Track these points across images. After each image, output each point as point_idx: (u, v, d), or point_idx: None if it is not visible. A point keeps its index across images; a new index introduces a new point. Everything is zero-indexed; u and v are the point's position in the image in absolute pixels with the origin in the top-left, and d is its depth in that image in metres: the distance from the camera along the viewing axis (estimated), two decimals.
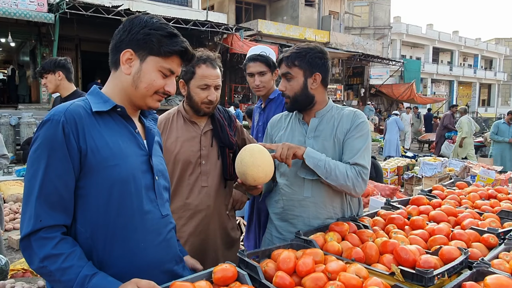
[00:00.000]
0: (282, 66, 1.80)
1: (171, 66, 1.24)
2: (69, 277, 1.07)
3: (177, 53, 1.23)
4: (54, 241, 1.09)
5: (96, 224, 1.17)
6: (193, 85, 1.97)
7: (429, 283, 1.21)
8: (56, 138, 1.11)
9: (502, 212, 1.98)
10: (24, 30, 12.66)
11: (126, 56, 1.22)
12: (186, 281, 1.17)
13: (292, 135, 1.86)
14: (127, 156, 1.21)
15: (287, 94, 1.80)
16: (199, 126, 2.07)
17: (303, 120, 1.87)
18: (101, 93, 1.26)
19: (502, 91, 45.20)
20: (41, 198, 1.09)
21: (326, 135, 1.79)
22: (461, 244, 1.52)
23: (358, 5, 31.68)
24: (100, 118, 1.21)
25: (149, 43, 1.20)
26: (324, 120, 1.82)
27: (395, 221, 1.78)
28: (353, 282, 1.18)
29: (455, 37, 37.92)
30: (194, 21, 13.17)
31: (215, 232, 2.05)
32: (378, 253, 1.46)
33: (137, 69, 1.22)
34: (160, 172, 1.33)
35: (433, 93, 34.57)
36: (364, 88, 22.83)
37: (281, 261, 1.31)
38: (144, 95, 1.24)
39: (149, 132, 1.34)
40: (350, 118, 1.79)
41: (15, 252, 4.29)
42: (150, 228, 1.24)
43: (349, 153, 1.74)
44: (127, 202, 1.19)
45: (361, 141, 1.75)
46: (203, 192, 2.02)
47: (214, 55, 2.01)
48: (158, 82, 1.23)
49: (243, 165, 1.62)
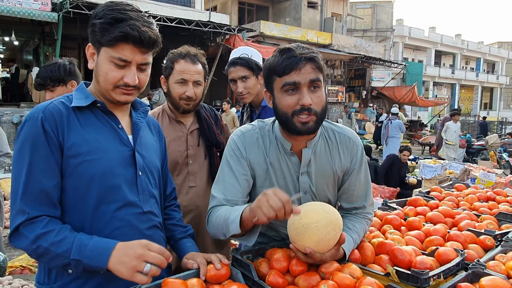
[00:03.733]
0: (306, 70, 1.27)
1: (120, 55, 1.15)
2: (65, 248, 1.09)
3: (120, 39, 1.13)
4: (43, 222, 1.11)
5: (78, 217, 1.18)
6: (172, 80, 1.95)
7: (424, 284, 1.20)
8: (37, 135, 1.13)
9: (500, 214, 1.96)
10: (28, 29, 12.72)
11: (89, 51, 1.23)
12: (178, 278, 1.16)
13: (280, 169, 1.43)
14: (105, 151, 1.20)
15: (314, 109, 1.28)
16: (185, 125, 2.04)
17: (291, 150, 1.41)
18: (85, 89, 1.27)
19: (504, 95, 45.10)
20: (26, 194, 1.11)
21: (325, 170, 1.44)
22: (457, 246, 1.50)
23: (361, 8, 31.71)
24: (81, 114, 1.21)
25: (95, 34, 1.17)
26: (318, 152, 1.43)
27: (391, 222, 1.77)
28: (346, 282, 1.17)
29: (457, 40, 37.87)
30: (196, 22, 13.19)
31: (204, 233, 2.03)
32: (374, 253, 1.45)
33: (96, 63, 1.21)
34: (145, 167, 1.31)
35: (435, 96, 34.51)
36: (365, 90, 22.80)
37: (274, 260, 1.30)
38: (105, 89, 1.22)
39: (135, 126, 1.33)
40: (349, 149, 1.47)
41: (14, 250, 4.30)
42: (131, 222, 1.24)
43: (357, 192, 1.50)
44: (105, 197, 1.20)
45: (366, 174, 1.52)
46: (191, 192, 2.00)
47: (195, 51, 1.98)
48: (111, 74, 1.17)
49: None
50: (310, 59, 1.27)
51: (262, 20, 18.45)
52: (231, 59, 2.27)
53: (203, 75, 1.99)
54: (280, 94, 1.31)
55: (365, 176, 1.53)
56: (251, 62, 2.21)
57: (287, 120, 1.31)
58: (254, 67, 2.21)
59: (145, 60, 1.21)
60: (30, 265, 3.67)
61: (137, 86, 1.22)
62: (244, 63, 2.20)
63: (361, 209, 1.53)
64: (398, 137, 10.94)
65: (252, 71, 2.22)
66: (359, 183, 1.50)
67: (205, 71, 2.01)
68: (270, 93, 1.38)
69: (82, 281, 1.20)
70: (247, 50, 2.31)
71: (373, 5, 31.52)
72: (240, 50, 2.31)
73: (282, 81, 1.29)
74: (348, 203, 1.53)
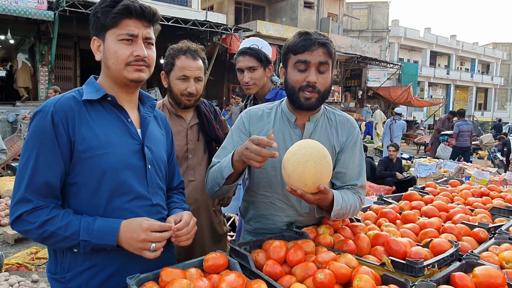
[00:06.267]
0: (318, 52, 1.44)
1: (127, 30, 1.20)
2: (73, 230, 1.13)
3: (123, 14, 1.19)
4: (47, 209, 1.15)
5: (87, 210, 1.20)
6: (173, 76, 1.96)
7: (419, 273, 1.23)
8: (46, 128, 1.14)
9: (494, 208, 1.99)
10: (24, 28, 12.65)
11: (94, 45, 1.26)
12: (177, 267, 1.18)
13: (283, 139, 1.55)
14: (115, 145, 1.22)
15: (318, 87, 1.46)
16: (185, 120, 2.06)
17: (295, 123, 1.57)
18: (95, 83, 1.29)
19: (498, 96, 45.43)
20: (31, 186, 1.13)
21: (324, 143, 1.50)
22: (451, 238, 1.53)
23: (357, 8, 31.81)
24: (91, 107, 1.23)
25: (98, 21, 1.21)
26: (319, 126, 1.58)
27: (387, 215, 1.79)
28: (342, 271, 1.19)
29: (452, 41, 38.08)
30: (193, 21, 13.18)
31: (202, 227, 2.05)
32: (369, 245, 1.47)
33: (103, 51, 1.24)
34: (153, 161, 1.33)
35: (430, 97, 34.68)
36: (361, 91, 22.89)
37: (271, 250, 1.32)
38: (117, 71, 1.23)
39: (143, 120, 1.35)
40: (346, 127, 1.61)
41: (10, 247, 4.28)
42: (141, 215, 1.25)
43: (351, 172, 1.57)
44: (117, 190, 1.21)
45: (360, 156, 1.61)
46: (190, 186, 2.01)
47: (195, 47, 1.99)
48: (121, 51, 1.21)
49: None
50: (322, 44, 1.45)
51: (258, 20, 18.47)
52: (241, 48, 2.26)
53: (203, 70, 2.00)
54: (292, 70, 1.49)
55: (360, 158, 1.62)
56: (260, 53, 2.19)
57: (294, 94, 1.49)
58: (263, 59, 2.20)
59: (149, 35, 1.25)
60: (27, 262, 3.67)
61: (147, 62, 1.25)
62: (253, 54, 2.18)
63: (353, 187, 1.58)
64: (399, 137, 10.94)
65: (261, 63, 2.20)
66: (352, 163, 1.59)
67: (205, 66, 2.02)
68: (284, 69, 1.56)
69: (94, 271, 1.21)
70: (258, 41, 2.29)
71: (369, 5, 31.62)
72: (251, 41, 2.29)
73: (296, 58, 1.47)
74: (342, 183, 1.59)
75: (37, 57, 12.88)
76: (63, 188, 1.20)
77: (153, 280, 1.14)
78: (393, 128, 10.70)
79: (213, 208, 2.15)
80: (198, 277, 1.14)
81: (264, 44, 2.27)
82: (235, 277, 1.11)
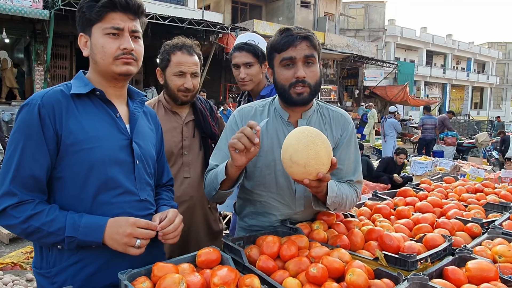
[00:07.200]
0: (302, 47, 1.41)
1: (113, 23, 1.20)
2: (58, 226, 1.13)
3: (108, 7, 1.18)
4: (32, 204, 1.14)
5: (74, 205, 1.19)
6: (169, 72, 1.95)
7: (412, 267, 1.23)
8: (32, 121, 1.14)
9: (488, 204, 2.00)
10: (19, 27, 12.55)
11: (81, 41, 1.26)
12: (169, 263, 1.17)
13: (277, 137, 1.53)
14: (103, 139, 1.22)
15: (308, 81, 1.43)
16: (180, 116, 2.05)
17: (289, 120, 1.54)
18: (84, 78, 1.28)
19: (494, 95, 45.67)
20: (16, 179, 1.12)
21: None
22: (445, 232, 1.53)
23: (353, 7, 31.88)
24: (80, 101, 1.22)
25: (84, 16, 1.21)
26: (312, 123, 1.55)
27: (381, 211, 1.79)
28: (335, 265, 1.19)
29: (448, 40, 38.23)
30: (189, 20, 13.15)
31: (197, 224, 2.04)
32: (363, 240, 1.47)
33: (90, 46, 1.24)
34: (142, 156, 1.32)
35: (426, 96, 34.83)
36: (358, 90, 22.93)
37: (265, 245, 1.31)
38: (105, 66, 1.23)
39: (132, 116, 1.34)
40: (341, 123, 1.58)
41: (4, 246, 4.26)
42: (128, 209, 1.25)
43: (347, 168, 1.56)
44: (104, 185, 1.21)
45: (356, 151, 1.60)
46: (186, 183, 2.01)
47: (191, 42, 1.98)
48: (108, 45, 1.20)
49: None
50: (305, 37, 1.42)
51: (255, 19, 18.47)
52: (237, 44, 2.20)
53: (199, 66, 1.99)
54: (279, 69, 1.46)
55: (355, 153, 1.60)
56: (257, 49, 2.14)
57: (285, 92, 1.46)
58: (259, 55, 2.15)
59: (136, 28, 1.24)
60: (21, 261, 3.64)
61: (134, 55, 1.24)
62: (250, 49, 2.14)
63: (349, 183, 1.57)
64: (392, 136, 10.91)
65: (257, 59, 2.15)
66: (348, 159, 1.57)
67: (200, 62, 2.01)
68: (271, 69, 1.52)
69: (80, 266, 1.21)
70: (255, 37, 2.23)
71: (365, 5, 31.70)
72: (247, 36, 2.23)
73: (281, 56, 1.44)
74: (338, 179, 1.57)
75: (33, 57, 12.80)
76: (49, 182, 1.19)
77: (145, 275, 1.14)
78: (384, 126, 10.77)
79: (208, 205, 2.14)
80: (190, 272, 1.14)
81: (260, 40, 2.23)
82: (227, 272, 1.11)
